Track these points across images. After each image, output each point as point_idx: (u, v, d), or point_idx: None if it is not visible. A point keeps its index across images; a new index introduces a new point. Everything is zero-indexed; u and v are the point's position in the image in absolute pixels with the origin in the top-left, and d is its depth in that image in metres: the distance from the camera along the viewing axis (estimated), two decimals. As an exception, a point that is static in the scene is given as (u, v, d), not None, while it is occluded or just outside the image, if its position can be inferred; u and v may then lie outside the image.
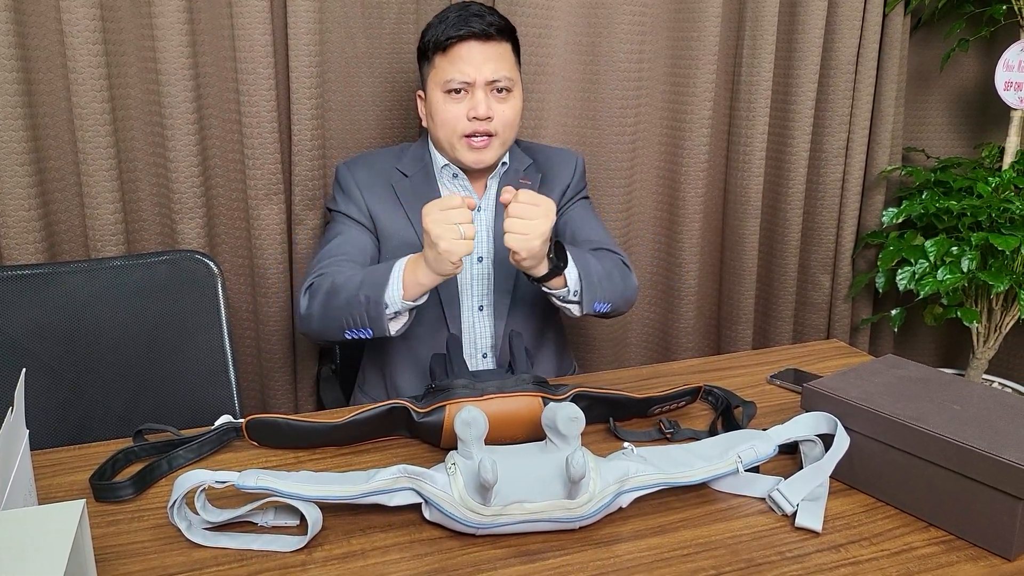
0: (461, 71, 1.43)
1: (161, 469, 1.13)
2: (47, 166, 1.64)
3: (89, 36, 1.57)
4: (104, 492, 1.07)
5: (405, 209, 1.51)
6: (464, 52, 1.43)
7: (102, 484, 1.07)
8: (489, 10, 1.47)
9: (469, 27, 1.42)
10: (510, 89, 1.47)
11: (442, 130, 1.47)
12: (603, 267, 1.42)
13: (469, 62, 1.43)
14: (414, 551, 0.96)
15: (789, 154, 2.26)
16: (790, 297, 2.38)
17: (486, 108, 1.43)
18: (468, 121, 1.44)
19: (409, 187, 1.53)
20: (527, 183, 1.54)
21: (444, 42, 1.44)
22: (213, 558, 0.95)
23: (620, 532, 1.00)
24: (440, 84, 1.45)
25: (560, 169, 1.61)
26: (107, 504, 1.06)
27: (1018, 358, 2.57)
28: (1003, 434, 0.98)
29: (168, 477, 1.12)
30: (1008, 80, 2.22)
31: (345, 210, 1.52)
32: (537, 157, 1.61)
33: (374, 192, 1.52)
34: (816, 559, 0.95)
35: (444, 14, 1.47)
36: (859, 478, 1.09)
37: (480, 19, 1.43)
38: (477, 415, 0.97)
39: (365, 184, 1.52)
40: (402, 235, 1.50)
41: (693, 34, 2.06)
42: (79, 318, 1.45)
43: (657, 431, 1.25)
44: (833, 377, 1.16)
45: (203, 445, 1.17)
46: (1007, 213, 2.12)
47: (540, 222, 1.25)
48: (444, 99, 1.45)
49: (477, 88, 1.44)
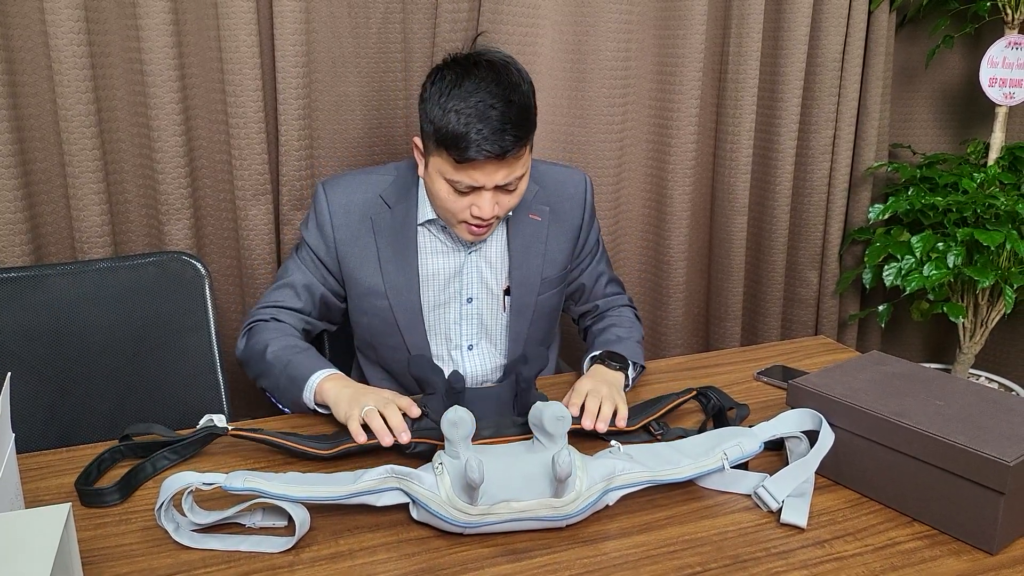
0: (473, 179, 1.29)
1: (146, 472, 1.13)
2: (32, 168, 1.64)
3: (74, 37, 1.57)
4: (90, 497, 1.07)
5: (378, 248, 1.43)
6: (479, 167, 1.28)
7: (88, 489, 1.07)
8: (513, 118, 1.26)
9: (488, 152, 1.25)
10: (520, 180, 1.35)
11: (442, 212, 1.37)
12: (635, 340, 1.49)
13: (483, 173, 1.28)
14: (402, 551, 0.97)
15: (776, 151, 2.27)
16: (778, 294, 2.39)
17: (491, 210, 1.32)
18: (471, 216, 1.34)
19: (388, 223, 1.44)
20: (536, 219, 1.48)
21: (459, 157, 1.26)
22: (201, 560, 0.95)
23: (607, 530, 1.01)
24: (445, 178, 1.31)
25: (570, 205, 1.52)
26: (94, 507, 1.06)
27: (1004, 353, 2.59)
28: (985, 429, 0.99)
29: (155, 479, 1.12)
30: (993, 76, 2.24)
31: (314, 245, 1.44)
32: (544, 181, 1.51)
33: (348, 229, 1.44)
34: (801, 555, 0.96)
35: (462, 109, 1.25)
36: (844, 474, 1.10)
37: (500, 138, 1.25)
38: (464, 415, 0.98)
39: (340, 219, 1.43)
40: (369, 282, 1.44)
41: (680, 32, 2.06)
42: (66, 321, 1.45)
43: (647, 433, 1.26)
44: (818, 374, 1.17)
45: (188, 446, 1.17)
46: (992, 209, 2.13)
47: (609, 405, 1.23)
48: (448, 191, 1.32)
49: (485, 190, 1.31)
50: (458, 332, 1.50)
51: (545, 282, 1.50)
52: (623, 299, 1.61)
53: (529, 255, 1.48)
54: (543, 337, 1.56)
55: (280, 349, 1.34)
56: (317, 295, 1.45)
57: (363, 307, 1.47)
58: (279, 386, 1.32)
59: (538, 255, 1.49)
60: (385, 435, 1.12)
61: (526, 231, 1.48)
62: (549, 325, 1.57)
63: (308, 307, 1.45)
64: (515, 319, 1.50)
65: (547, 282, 1.50)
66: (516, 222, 1.48)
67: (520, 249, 1.48)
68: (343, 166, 1.90)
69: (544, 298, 1.51)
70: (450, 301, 1.48)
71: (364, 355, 1.57)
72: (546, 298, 1.51)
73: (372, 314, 1.47)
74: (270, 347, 1.35)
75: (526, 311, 1.50)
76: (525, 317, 1.50)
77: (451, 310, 1.49)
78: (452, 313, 1.49)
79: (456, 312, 1.49)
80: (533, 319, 1.51)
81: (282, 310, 1.42)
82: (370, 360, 1.55)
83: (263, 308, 1.42)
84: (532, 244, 1.48)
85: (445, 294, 1.48)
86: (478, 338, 1.51)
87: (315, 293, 1.45)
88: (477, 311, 1.50)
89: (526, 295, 1.49)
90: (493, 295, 1.49)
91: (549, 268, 1.50)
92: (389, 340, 1.48)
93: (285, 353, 1.33)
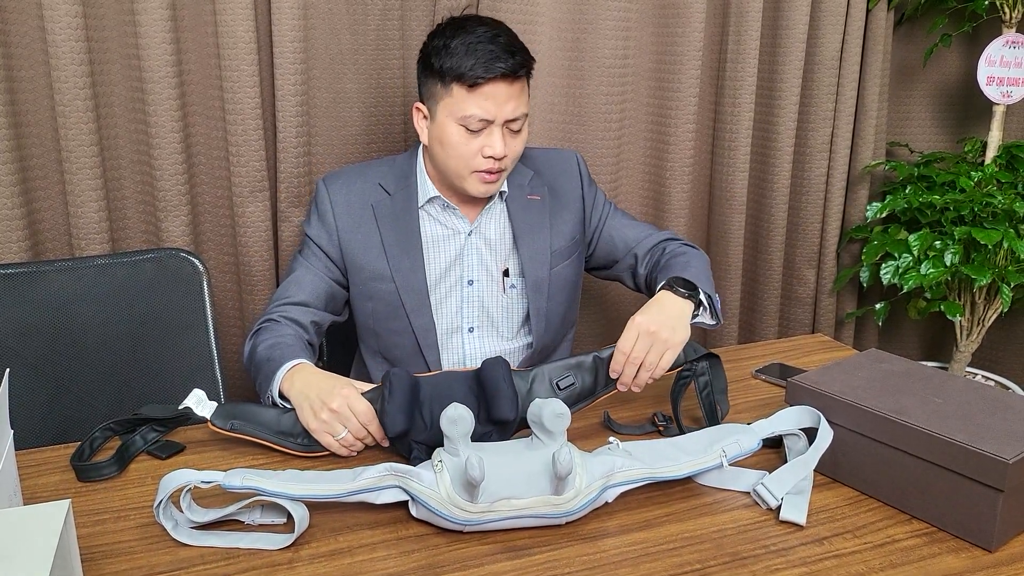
0: (485, 110, 1.36)
1: (136, 445, 1.16)
2: (30, 163, 1.63)
3: (71, 33, 1.56)
4: (87, 472, 1.08)
5: (381, 234, 1.47)
6: (490, 91, 1.35)
7: (85, 464, 1.09)
8: (516, 45, 1.38)
9: (499, 67, 1.34)
10: (524, 121, 1.42)
11: (454, 161, 1.41)
12: (696, 266, 1.45)
13: (494, 101, 1.35)
14: (401, 548, 0.97)
15: (774, 149, 2.27)
16: (775, 292, 2.39)
17: (503, 147, 1.38)
18: (483, 158, 1.39)
19: (389, 209, 1.48)
20: (536, 199, 1.53)
21: (471, 79, 1.34)
22: (200, 557, 0.95)
23: (606, 527, 1.01)
24: (457, 117, 1.37)
25: (565, 179, 1.58)
26: (92, 502, 1.05)
27: (1001, 351, 2.59)
28: (984, 427, 0.99)
29: (154, 463, 1.12)
30: (990, 75, 2.24)
31: (316, 237, 1.48)
32: (537, 166, 1.57)
33: (350, 218, 1.48)
34: (800, 552, 0.96)
35: (468, 41, 1.35)
36: (842, 471, 1.10)
37: (511, 57, 1.35)
38: (463, 412, 0.98)
39: (341, 208, 1.48)
40: (373, 267, 1.47)
41: (678, 30, 2.06)
42: (63, 317, 1.45)
43: (651, 424, 1.26)
44: (817, 371, 1.17)
45: (172, 422, 1.22)
46: (989, 207, 2.13)
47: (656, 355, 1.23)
48: (460, 133, 1.38)
49: (496, 126, 1.37)
50: (459, 315, 1.52)
51: (556, 254, 1.53)
52: (661, 235, 1.58)
53: (535, 231, 1.52)
54: (564, 313, 1.57)
55: (268, 347, 1.33)
56: (322, 288, 1.47)
57: (368, 292, 1.49)
58: (258, 382, 1.31)
59: (544, 229, 1.53)
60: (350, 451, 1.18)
61: (529, 210, 1.53)
62: (568, 300, 1.58)
63: (314, 300, 1.45)
64: (533, 295, 1.51)
65: (557, 254, 1.53)
66: (517, 204, 1.52)
67: (525, 228, 1.52)
68: (341, 163, 1.90)
69: (558, 271, 1.54)
70: (453, 285, 1.51)
71: (366, 344, 1.57)
72: (560, 270, 1.54)
73: (377, 299, 1.48)
74: (258, 349, 1.34)
75: (541, 286, 1.52)
76: (542, 292, 1.52)
77: (454, 293, 1.51)
78: (454, 296, 1.52)
79: (458, 295, 1.52)
80: (551, 293, 1.53)
81: (289, 306, 1.42)
82: (372, 349, 1.56)
83: (271, 308, 1.43)
84: (537, 220, 1.52)
85: (448, 278, 1.50)
86: (480, 320, 1.53)
87: (320, 286, 1.46)
88: (478, 294, 1.52)
89: (539, 270, 1.52)
90: (493, 278, 1.52)
91: (557, 240, 1.54)
92: (394, 324, 1.49)
93: (266, 353, 1.32)
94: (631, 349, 1.22)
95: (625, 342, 1.23)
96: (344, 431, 1.15)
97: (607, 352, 1.25)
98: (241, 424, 1.17)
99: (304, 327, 1.41)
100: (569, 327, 1.63)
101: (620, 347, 1.23)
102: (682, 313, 1.29)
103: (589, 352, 1.25)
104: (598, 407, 1.28)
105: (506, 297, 1.53)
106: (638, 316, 1.25)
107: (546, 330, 1.53)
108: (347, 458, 1.17)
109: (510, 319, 1.54)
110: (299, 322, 1.41)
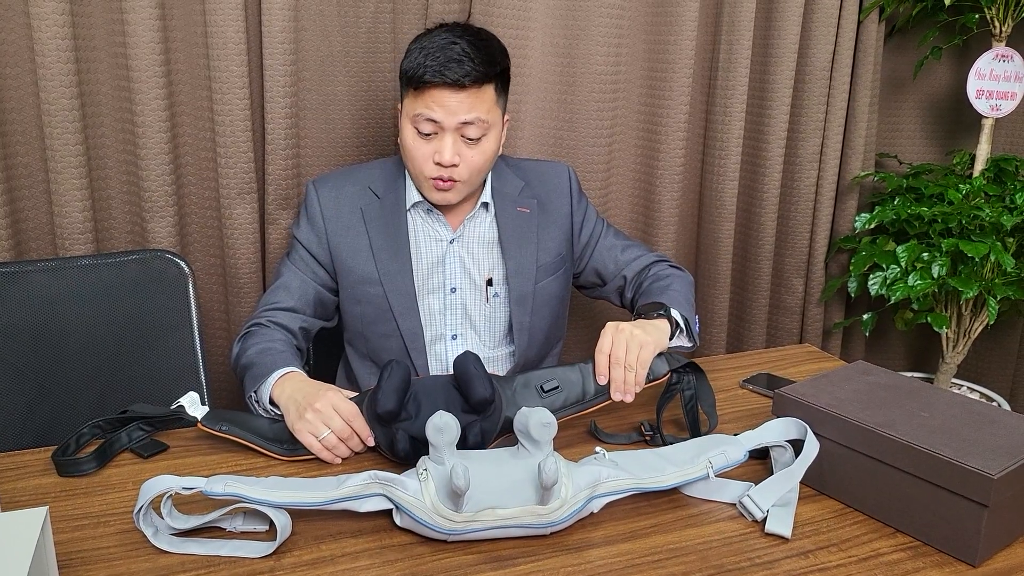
0: (431, 109, 1.35)
1: (121, 442, 1.15)
2: (14, 163, 1.62)
3: (58, 31, 1.55)
4: (68, 467, 1.08)
5: (370, 238, 1.47)
6: (437, 95, 1.34)
7: (65, 460, 1.08)
8: (472, 54, 1.34)
9: (443, 76, 1.33)
10: (485, 132, 1.39)
11: (411, 164, 1.42)
12: (676, 289, 1.45)
13: (440, 104, 1.35)
14: (384, 557, 0.96)
15: (764, 159, 2.28)
16: (764, 301, 2.40)
17: (451, 155, 1.37)
18: (434, 165, 1.39)
19: (378, 212, 1.48)
20: (525, 211, 1.52)
21: (416, 81, 1.35)
22: (180, 564, 0.94)
23: (591, 538, 1.00)
24: (409, 116, 1.39)
25: (555, 195, 1.57)
26: (72, 507, 1.04)
27: (987, 363, 2.61)
28: (969, 442, 0.99)
29: (135, 467, 1.11)
30: (980, 88, 2.25)
31: (305, 241, 1.48)
32: (528, 177, 1.56)
33: (340, 221, 1.47)
34: (785, 565, 0.96)
35: (427, 45, 1.36)
36: (828, 484, 1.10)
37: (459, 66, 1.33)
38: (449, 420, 0.97)
39: (331, 211, 1.48)
40: (362, 270, 1.46)
41: (670, 38, 2.06)
42: (46, 318, 1.43)
43: (637, 434, 1.25)
44: (804, 383, 1.17)
45: (161, 422, 1.21)
46: (977, 220, 2.14)
47: (634, 354, 1.23)
48: (413, 136, 1.39)
49: (447, 132, 1.37)
50: (442, 321, 1.52)
51: (541, 269, 1.53)
52: (650, 257, 1.59)
53: (522, 244, 1.51)
54: (548, 328, 1.57)
55: (257, 352, 1.33)
56: (311, 293, 1.46)
57: (356, 296, 1.48)
58: (246, 385, 1.31)
59: (531, 243, 1.52)
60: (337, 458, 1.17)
61: (516, 223, 1.52)
62: (553, 315, 1.57)
63: (302, 306, 1.45)
64: (516, 309, 1.51)
65: (543, 268, 1.53)
66: (505, 216, 1.52)
67: (512, 240, 1.51)
68: (330, 166, 1.89)
69: (543, 286, 1.53)
70: (435, 290, 1.51)
71: (354, 348, 1.56)
72: (545, 285, 1.53)
73: (366, 302, 1.48)
74: (247, 352, 1.34)
75: (525, 300, 1.51)
76: (525, 306, 1.52)
77: (436, 299, 1.51)
78: (437, 302, 1.51)
79: (441, 301, 1.51)
80: (534, 307, 1.52)
81: (277, 311, 1.42)
82: (359, 353, 1.55)
83: (260, 312, 1.42)
84: (524, 234, 1.52)
85: (430, 282, 1.50)
86: (463, 328, 1.53)
87: (308, 292, 1.46)
88: (461, 301, 1.52)
89: (523, 284, 1.51)
90: (476, 286, 1.52)
91: (543, 255, 1.53)
92: (382, 328, 1.49)
93: (253, 357, 1.32)
94: (609, 348, 1.24)
95: (603, 342, 1.25)
96: (327, 432, 1.15)
97: (591, 363, 1.25)
98: (230, 427, 1.17)
99: (293, 333, 1.40)
100: (555, 342, 1.62)
101: (599, 348, 1.25)
102: (656, 327, 1.31)
103: (574, 363, 1.25)
104: (585, 417, 1.27)
105: (489, 306, 1.52)
106: (611, 322, 1.29)
107: (529, 344, 1.53)
108: (331, 465, 1.16)
109: (492, 328, 1.54)
110: (288, 328, 1.40)
